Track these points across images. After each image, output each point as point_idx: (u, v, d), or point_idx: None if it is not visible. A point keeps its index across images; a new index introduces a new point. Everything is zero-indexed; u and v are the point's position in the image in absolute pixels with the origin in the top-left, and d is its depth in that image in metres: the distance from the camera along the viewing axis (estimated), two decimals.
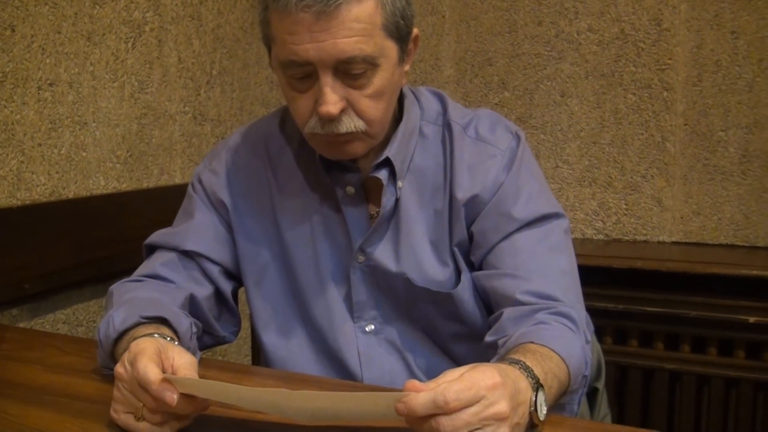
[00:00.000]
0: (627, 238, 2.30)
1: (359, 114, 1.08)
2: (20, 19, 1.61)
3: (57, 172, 1.73)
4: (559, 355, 1.00)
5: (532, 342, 1.00)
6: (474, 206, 1.20)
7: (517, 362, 0.90)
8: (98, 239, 1.82)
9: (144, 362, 0.87)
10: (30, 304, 1.69)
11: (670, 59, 2.22)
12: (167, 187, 2.08)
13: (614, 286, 2.04)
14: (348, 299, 1.26)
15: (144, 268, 1.30)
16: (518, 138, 1.25)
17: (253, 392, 0.86)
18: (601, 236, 2.33)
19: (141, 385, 0.87)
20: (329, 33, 1.00)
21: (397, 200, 1.21)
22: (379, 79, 1.08)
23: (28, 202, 1.66)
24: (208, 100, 2.25)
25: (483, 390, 0.78)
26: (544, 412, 0.88)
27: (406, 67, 1.16)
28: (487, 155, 1.22)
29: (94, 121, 1.82)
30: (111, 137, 1.88)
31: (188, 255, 1.27)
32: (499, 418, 0.79)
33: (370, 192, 1.23)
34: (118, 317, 1.08)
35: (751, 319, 1.92)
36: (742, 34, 2.14)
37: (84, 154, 1.80)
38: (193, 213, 1.31)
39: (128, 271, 1.88)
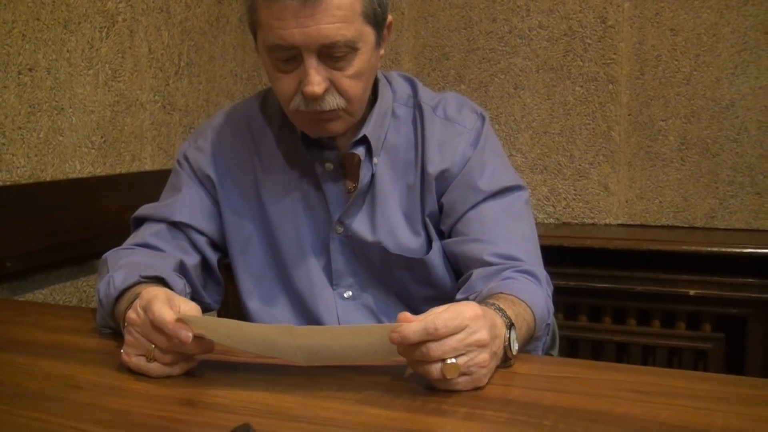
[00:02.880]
0: (576, 221, 2.45)
1: (341, 93, 1.17)
2: (2, 5, 1.67)
3: (35, 155, 1.78)
4: (526, 303, 1.11)
5: (502, 292, 1.12)
6: (444, 179, 1.31)
7: (492, 304, 1.01)
8: (74, 221, 1.87)
9: (159, 305, 0.95)
10: (10, 284, 1.74)
11: (614, 54, 2.37)
12: (139, 173, 2.14)
13: (565, 264, 2.17)
14: (327, 268, 1.34)
15: (134, 238, 1.36)
16: (483, 118, 1.37)
17: (259, 329, 0.95)
18: (552, 220, 2.47)
19: (156, 326, 0.94)
20: (314, 19, 1.09)
21: (372, 175, 1.31)
22: (358, 62, 1.17)
23: (8, 182, 1.71)
24: (176, 90, 2.31)
25: (467, 320, 0.89)
26: (516, 348, 1.00)
27: (382, 51, 1.26)
28: (455, 133, 1.33)
29: (70, 107, 1.88)
30: (86, 123, 1.93)
31: (176, 226, 1.34)
32: (481, 345, 0.90)
33: (347, 168, 1.33)
34: (118, 277, 1.15)
35: (692, 292, 2.07)
36: (680, 31, 2.31)
37: (61, 138, 1.85)
38: (180, 187, 1.38)
39: (103, 254, 1.95)
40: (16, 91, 1.71)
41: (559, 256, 2.12)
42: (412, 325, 0.88)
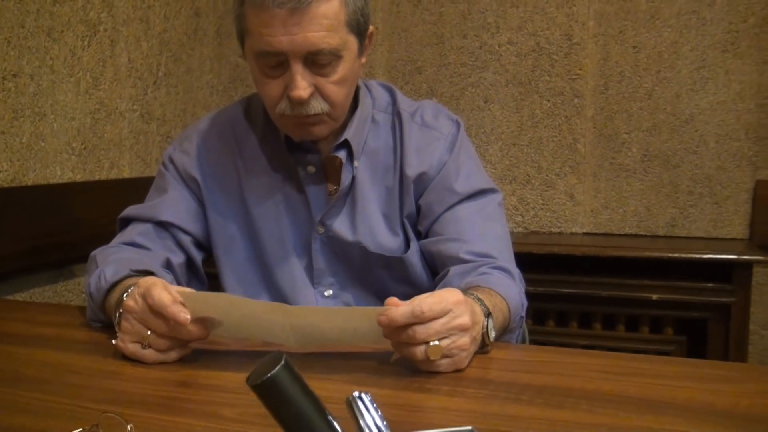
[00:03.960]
0: (544, 230, 2.53)
1: (325, 98, 1.23)
2: None
3: (18, 160, 1.81)
4: (501, 296, 1.17)
5: (479, 285, 1.18)
6: (421, 182, 1.37)
7: (471, 294, 1.08)
8: (54, 226, 1.90)
9: (158, 290, 0.99)
10: None
11: (580, 70, 2.47)
12: (117, 181, 2.17)
13: (533, 271, 2.23)
14: (309, 267, 1.39)
15: (121, 237, 1.39)
16: (458, 125, 1.44)
17: (253, 305, 0.98)
18: (520, 229, 2.54)
19: (154, 311, 0.99)
20: (301, 27, 1.15)
21: (353, 178, 1.36)
22: (342, 69, 1.23)
23: None
24: (154, 100, 2.35)
25: (450, 305, 0.95)
26: (493, 335, 1.06)
27: (363, 60, 1.33)
28: (432, 138, 1.39)
29: (52, 113, 1.91)
30: (67, 129, 1.97)
31: (162, 226, 1.38)
32: (463, 329, 0.96)
33: (328, 171, 1.38)
34: (109, 271, 1.19)
35: (654, 297, 2.16)
36: (642, 49, 2.41)
37: (42, 144, 1.88)
38: (166, 189, 1.42)
39: (82, 259, 1.97)
40: (1, 96, 1.75)
41: (527, 263, 2.15)
42: (399, 308, 0.94)
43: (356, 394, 0.43)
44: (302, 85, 1.18)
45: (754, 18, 2.29)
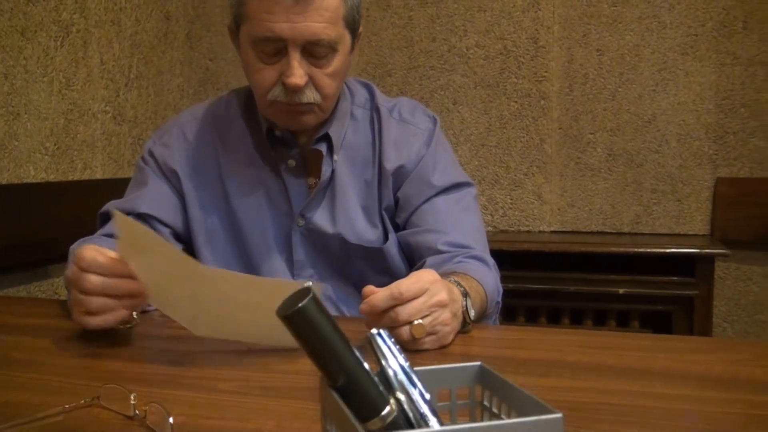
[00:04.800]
0: (512, 229, 2.58)
1: (318, 89, 1.26)
2: None
3: None
4: (477, 281, 1.21)
5: (456, 271, 1.21)
6: (400, 175, 1.41)
7: (447, 277, 1.11)
8: (27, 226, 1.89)
9: (89, 251, 1.00)
10: None
11: (546, 72, 2.53)
12: (90, 181, 2.17)
13: (503, 268, 2.24)
14: (289, 260, 1.42)
15: (102, 231, 1.40)
16: (435, 121, 1.48)
17: (175, 253, 0.98)
18: (489, 228, 2.59)
19: (84, 269, 0.99)
20: (303, 17, 1.18)
21: (333, 171, 1.40)
22: (336, 62, 1.26)
23: None
24: (126, 102, 2.36)
25: (427, 283, 0.99)
26: (473, 313, 1.09)
27: (352, 57, 1.36)
28: (410, 134, 1.43)
29: (25, 113, 1.91)
30: (41, 129, 1.97)
31: (142, 218, 1.39)
32: (442, 305, 0.99)
33: (309, 165, 1.41)
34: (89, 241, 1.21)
35: (621, 291, 2.22)
36: (605, 52, 2.49)
37: (16, 143, 1.88)
38: (145, 182, 1.43)
39: (56, 259, 1.98)
40: None
41: (497, 260, 2.19)
42: (378, 294, 0.97)
43: (375, 331, 0.46)
44: (299, 72, 1.21)
45: (712, 22, 2.38)
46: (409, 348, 0.99)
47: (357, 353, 0.44)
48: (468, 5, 2.57)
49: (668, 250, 2.18)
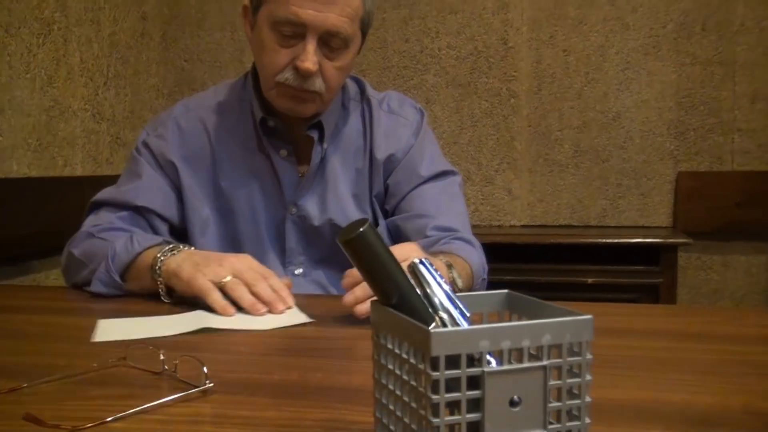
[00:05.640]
0: (484, 224, 2.66)
1: (325, 80, 1.31)
2: None
3: None
4: (463, 258, 1.28)
5: (442, 251, 1.28)
6: (390, 163, 1.47)
7: (434, 256, 1.18)
8: (10, 220, 1.91)
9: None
10: None
11: (515, 72, 2.62)
12: (71, 178, 2.19)
13: None
14: (281, 247, 1.46)
15: (98, 219, 1.41)
16: (422, 113, 1.55)
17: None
18: None
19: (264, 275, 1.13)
20: (328, 7, 1.24)
21: (323, 159, 1.45)
22: (346, 57, 1.32)
23: None
24: (104, 100, 2.39)
25: (407, 251, 1.06)
26: (461, 283, 1.15)
27: (356, 58, 1.43)
28: (399, 124, 1.50)
29: (9, 108, 1.93)
30: (24, 126, 1.99)
31: (138, 211, 1.41)
32: None
33: (300, 155, 1.46)
34: (138, 238, 1.26)
35: (589, 280, 2.31)
36: (572, 52, 2.59)
37: (0, 138, 1.90)
38: (140, 173, 1.45)
39: (38, 254, 1.99)
40: None
41: None
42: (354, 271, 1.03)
43: (417, 260, 0.52)
44: (313, 59, 1.26)
45: (672, 24, 2.50)
46: None
47: (408, 277, 0.51)
48: (440, 8, 2.66)
49: (634, 240, 2.28)
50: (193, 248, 1.25)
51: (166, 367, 0.78)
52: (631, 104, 2.54)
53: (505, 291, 0.56)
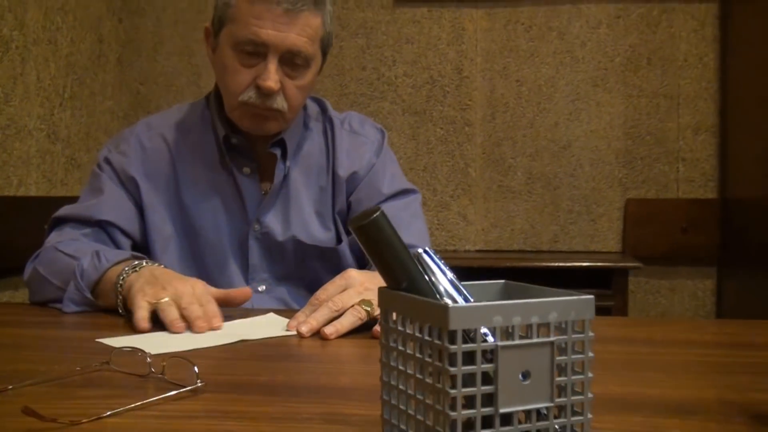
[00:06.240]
0: (440, 249, 2.70)
1: (286, 98, 1.34)
2: None
3: None
4: None
5: None
6: (353, 181, 1.50)
7: None
8: None
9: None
10: None
11: (469, 101, 2.69)
12: (25, 198, 2.16)
13: None
14: (244, 264, 1.47)
15: (62, 236, 1.39)
16: (382, 132, 1.59)
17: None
18: None
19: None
20: (289, 27, 1.27)
21: (285, 176, 1.47)
22: (307, 76, 1.36)
23: None
24: (60, 121, 2.36)
25: (343, 280, 1.12)
26: None
27: (317, 77, 1.46)
28: (360, 143, 1.53)
29: None
30: None
31: (101, 226, 1.40)
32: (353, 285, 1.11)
33: (263, 173, 1.47)
34: (108, 254, 1.24)
35: None
36: (524, 83, 2.67)
37: None
38: (102, 189, 1.44)
39: None
40: None
41: None
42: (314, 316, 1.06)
43: (420, 250, 0.55)
44: (275, 78, 1.29)
45: (620, 58, 2.61)
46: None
47: (418, 264, 0.53)
48: (396, 37, 2.72)
49: (586, 264, 2.35)
50: (157, 264, 1.25)
51: (153, 369, 0.79)
52: (581, 134, 2.63)
53: (503, 281, 0.59)
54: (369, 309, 1.06)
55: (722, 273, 2.54)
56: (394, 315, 0.52)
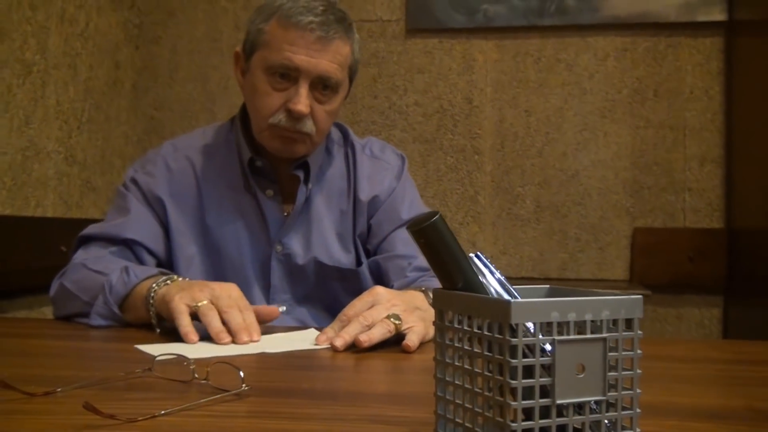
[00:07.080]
0: None
1: (316, 122, 1.39)
2: None
3: None
4: None
5: (420, 287, 1.34)
6: (374, 204, 1.53)
7: (414, 289, 1.25)
8: None
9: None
10: None
11: (479, 130, 2.74)
12: (42, 219, 2.18)
13: None
14: (266, 285, 1.49)
15: (88, 253, 1.42)
16: (403, 158, 1.63)
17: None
18: None
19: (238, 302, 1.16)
20: (320, 54, 1.33)
21: (307, 199, 1.50)
22: (335, 101, 1.41)
23: None
24: (77, 144, 2.40)
25: (369, 296, 1.16)
26: None
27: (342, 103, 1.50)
28: (381, 168, 1.57)
29: None
30: (0, 164, 1.99)
31: (128, 244, 1.43)
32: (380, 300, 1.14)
33: (285, 195, 1.51)
34: (134, 270, 1.27)
35: None
36: (533, 113, 2.72)
37: None
38: (128, 209, 1.47)
39: (7, 295, 1.97)
40: None
41: None
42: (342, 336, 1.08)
43: (472, 254, 0.58)
44: (306, 102, 1.35)
45: (627, 90, 2.66)
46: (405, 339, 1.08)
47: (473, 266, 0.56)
48: (408, 67, 2.77)
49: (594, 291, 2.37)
50: (187, 279, 1.28)
51: (197, 375, 0.81)
52: (588, 163, 2.67)
53: (547, 286, 0.62)
54: (398, 323, 1.08)
55: (728, 302, 2.57)
56: (450, 314, 0.55)
